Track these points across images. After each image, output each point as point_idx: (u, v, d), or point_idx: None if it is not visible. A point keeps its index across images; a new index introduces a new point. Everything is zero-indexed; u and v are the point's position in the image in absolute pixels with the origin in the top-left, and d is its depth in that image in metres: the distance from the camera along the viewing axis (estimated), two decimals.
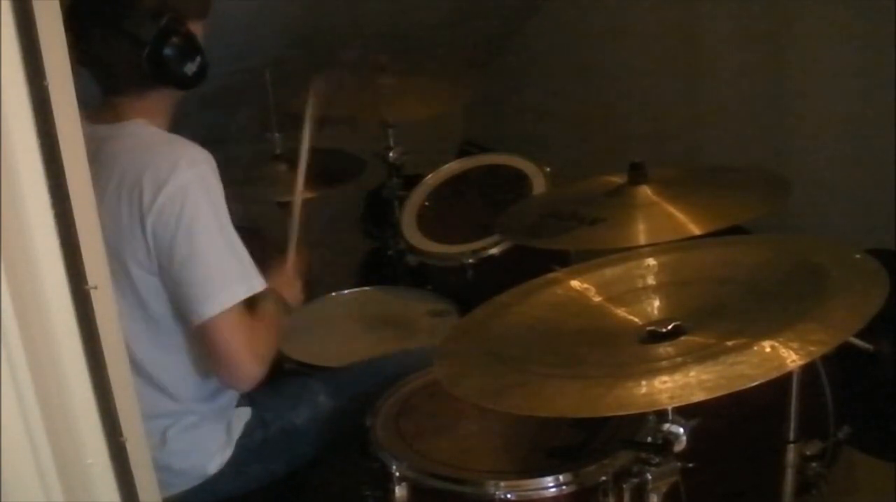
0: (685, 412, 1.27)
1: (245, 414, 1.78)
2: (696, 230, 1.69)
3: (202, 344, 1.62)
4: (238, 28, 2.19)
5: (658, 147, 2.91)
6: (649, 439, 1.37)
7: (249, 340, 1.60)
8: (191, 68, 1.62)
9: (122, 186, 1.57)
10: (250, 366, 1.62)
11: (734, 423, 1.61)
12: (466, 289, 2.23)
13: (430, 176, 2.59)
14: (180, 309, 1.60)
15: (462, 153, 3.45)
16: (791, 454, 1.50)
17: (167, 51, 1.59)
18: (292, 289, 1.86)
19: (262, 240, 2.49)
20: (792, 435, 1.49)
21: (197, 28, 1.67)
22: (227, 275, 1.58)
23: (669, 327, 1.33)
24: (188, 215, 1.55)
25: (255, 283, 1.61)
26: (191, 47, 1.62)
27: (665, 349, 1.28)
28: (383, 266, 2.68)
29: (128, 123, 1.64)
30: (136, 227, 1.57)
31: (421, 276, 2.42)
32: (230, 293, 1.57)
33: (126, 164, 1.58)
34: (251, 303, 1.64)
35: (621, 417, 1.45)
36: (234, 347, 1.59)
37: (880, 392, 2.02)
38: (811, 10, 2.49)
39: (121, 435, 0.99)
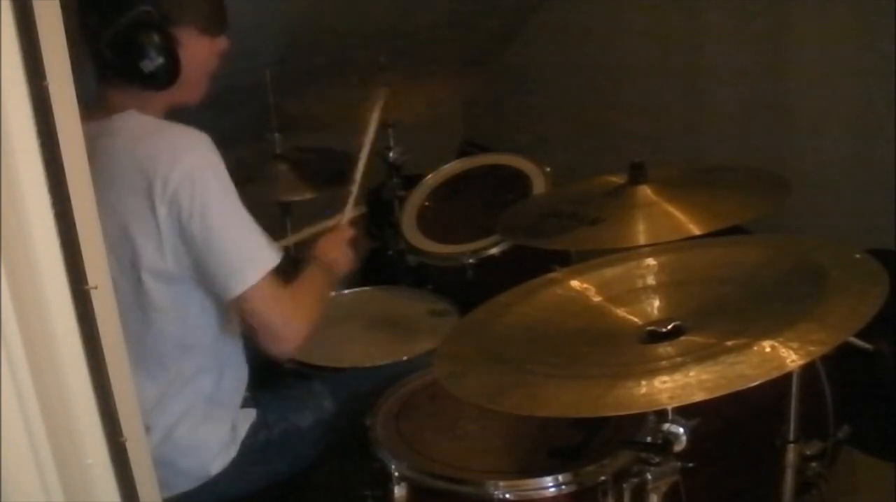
0: (685, 412, 1.27)
1: (250, 415, 1.78)
2: (695, 230, 1.69)
3: (239, 316, 1.68)
4: (238, 28, 2.18)
5: (658, 147, 2.92)
6: (649, 439, 1.37)
7: (283, 308, 1.65)
8: (147, 67, 1.61)
9: (123, 181, 1.57)
10: (287, 332, 1.66)
11: (734, 423, 1.61)
12: (466, 289, 2.23)
13: (430, 176, 2.59)
14: (212, 287, 1.63)
15: (462, 153, 3.45)
16: (791, 454, 1.50)
17: (130, 48, 1.59)
18: (338, 255, 1.89)
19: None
20: (792, 435, 1.48)
21: (198, 41, 1.67)
22: (249, 249, 1.62)
23: (669, 327, 1.33)
24: (200, 197, 1.56)
25: (275, 255, 1.64)
26: (157, 49, 1.60)
27: (665, 349, 1.28)
28: (383, 266, 2.68)
29: (119, 115, 1.64)
30: (145, 219, 1.57)
31: (421, 276, 2.42)
32: (256, 267, 1.60)
33: (123, 158, 1.58)
34: (292, 270, 1.71)
35: (621, 417, 1.45)
36: (268, 317, 1.64)
37: (880, 392, 2.02)
38: (811, 10, 2.49)
39: (121, 435, 0.99)
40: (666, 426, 1.28)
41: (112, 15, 1.58)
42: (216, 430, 1.73)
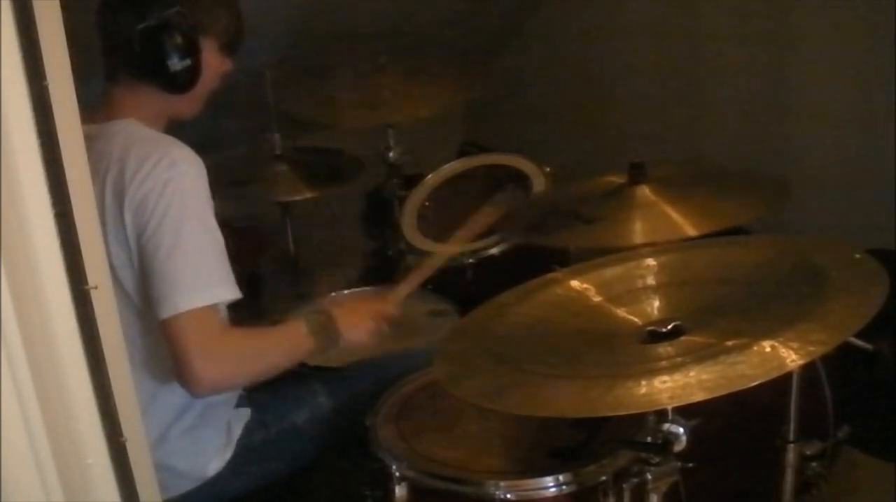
0: (685, 412, 1.27)
1: (244, 414, 1.78)
2: (691, 231, 1.69)
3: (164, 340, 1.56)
4: None
5: (658, 146, 2.92)
6: (649, 439, 1.37)
7: (207, 347, 1.54)
8: (173, 66, 1.61)
9: (106, 182, 1.57)
10: (202, 373, 1.53)
11: (734, 423, 1.61)
12: (466, 289, 2.23)
13: (430, 176, 2.58)
14: (149, 304, 1.56)
15: (462, 153, 3.45)
16: (791, 454, 1.50)
17: (159, 45, 1.60)
18: (355, 324, 1.76)
19: (258, 239, 2.50)
20: (792, 435, 1.48)
21: (215, 55, 1.69)
22: (193, 277, 1.54)
23: (669, 327, 1.33)
24: (161, 211, 1.54)
25: (221, 292, 1.57)
26: (185, 51, 1.62)
27: (665, 349, 1.28)
28: (383, 266, 2.69)
29: (118, 121, 1.65)
30: (118, 222, 1.57)
31: None
32: (191, 296, 1.53)
33: (112, 161, 1.58)
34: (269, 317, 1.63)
35: (621, 417, 1.45)
36: (186, 352, 1.52)
37: (880, 392, 2.02)
38: (811, 10, 2.49)
39: (121, 435, 0.99)
40: (666, 426, 1.28)
41: (144, 11, 1.59)
42: (212, 432, 1.73)
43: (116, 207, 1.56)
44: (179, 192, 1.56)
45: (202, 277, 1.55)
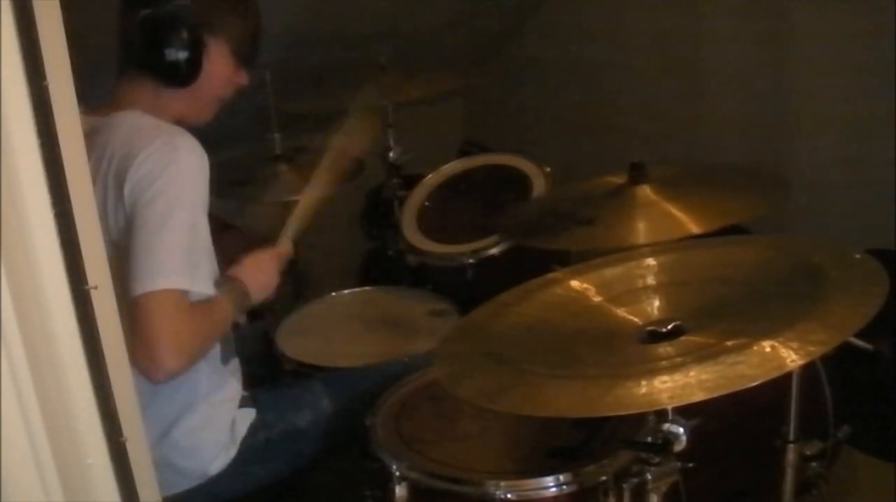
0: (685, 412, 1.27)
1: (249, 415, 1.78)
2: (695, 229, 1.69)
3: (130, 321, 1.52)
4: None
5: (658, 147, 2.92)
6: (649, 439, 1.37)
7: (176, 332, 1.52)
8: (169, 56, 1.61)
9: (110, 168, 1.57)
10: (167, 358, 1.51)
11: (734, 423, 1.61)
12: (466, 289, 2.23)
13: (430, 176, 2.59)
14: (124, 280, 1.52)
15: (462, 153, 3.45)
16: (791, 454, 1.50)
17: (156, 35, 1.60)
18: (259, 280, 1.74)
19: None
20: (792, 435, 1.48)
21: (224, 58, 1.69)
22: (172, 261, 1.53)
23: (669, 327, 1.33)
24: (156, 190, 1.53)
25: (199, 284, 1.56)
26: (183, 44, 1.62)
27: (665, 349, 1.28)
28: (383, 266, 2.69)
29: (123, 112, 1.65)
30: (120, 205, 1.56)
31: (421, 276, 2.43)
32: (168, 278, 1.51)
33: (117, 146, 1.58)
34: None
35: (621, 417, 1.45)
36: (155, 333, 1.49)
37: (880, 392, 2.02)
38: (811, 10, 2.49)
39: (121, 435, 0.99)
40: (666, 426, 1.28)
41: (149, 2, 1.60)
42: (216, 431, 1.73)
43: (118, 190, 1.56)
44: (177, 175, 1.55)
45: (184, 261, 1.54)
